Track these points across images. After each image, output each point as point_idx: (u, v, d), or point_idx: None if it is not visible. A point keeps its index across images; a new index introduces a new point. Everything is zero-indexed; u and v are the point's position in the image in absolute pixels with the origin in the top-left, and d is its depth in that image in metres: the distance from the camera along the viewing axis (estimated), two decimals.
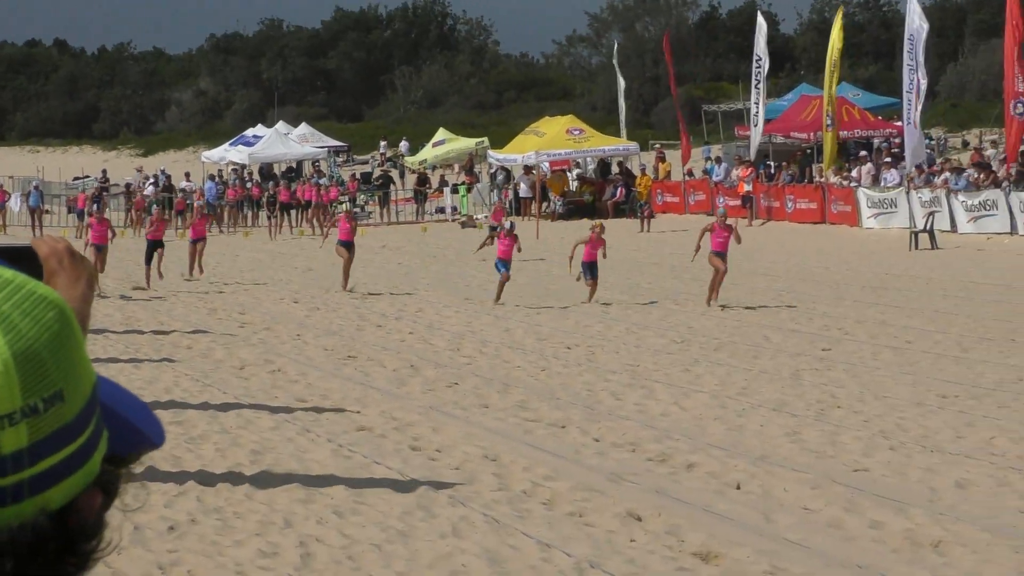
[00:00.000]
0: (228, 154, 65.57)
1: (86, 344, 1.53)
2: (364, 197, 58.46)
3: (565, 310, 25.67)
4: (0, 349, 1.43)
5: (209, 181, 58.07)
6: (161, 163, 76.98)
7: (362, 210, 53.66)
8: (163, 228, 32.08)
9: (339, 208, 47.59)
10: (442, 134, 68.57)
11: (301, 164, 69.35)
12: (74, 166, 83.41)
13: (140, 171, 68.98)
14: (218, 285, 31.10)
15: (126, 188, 58.71)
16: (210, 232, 34.44)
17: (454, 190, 57.58)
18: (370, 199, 58.52)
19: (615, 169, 56.49)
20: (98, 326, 22.16)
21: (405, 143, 77.14)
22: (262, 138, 65.80)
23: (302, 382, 17.87)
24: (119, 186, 62.43)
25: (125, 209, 54.28)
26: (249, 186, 56.81)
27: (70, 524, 1.47)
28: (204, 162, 67.83)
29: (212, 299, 28.10)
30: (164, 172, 63.01)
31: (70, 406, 1.46)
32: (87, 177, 71.23)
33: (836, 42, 46.69)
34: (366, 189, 60.33)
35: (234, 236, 49.31)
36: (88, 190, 58.01)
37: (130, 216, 52.62)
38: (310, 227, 49.95)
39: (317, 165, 67.26)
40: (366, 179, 64.28)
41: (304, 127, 74.79)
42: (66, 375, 1.46)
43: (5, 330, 1.44)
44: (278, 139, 65.87)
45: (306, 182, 56.86)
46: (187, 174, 63.44)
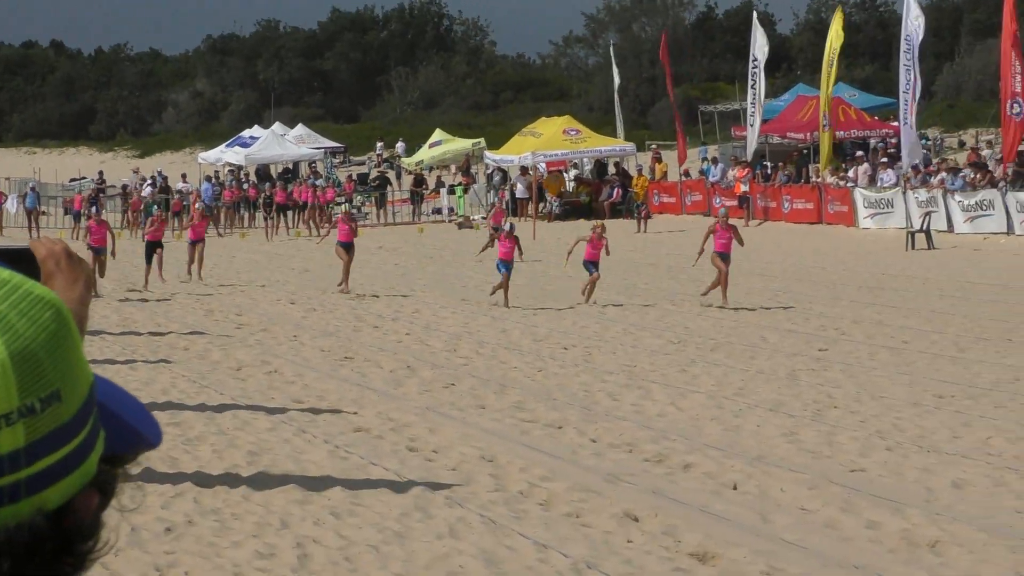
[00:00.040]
0: (224, 155, 65.46)
1: (83, 345, 1.53)
2: (361, 198, 58.41)
3: (561, 311, 25.67)
4: None
5: (206, 182, 58.02)
6: (158, 164, 76.86)
7: (359, 211, 53.61)
8: (163, 229, 32.16)
9: (337, 209, 47.59)
10: (438, 135, 68.53)
11: (298, 165, 69.26)
12: (71, 167, 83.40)
13: (136, 172, 68.98)
14: (214, 286, 31.09)
15: (122, 189, 58.66)
16: (207, 234, 34.37)
17: (451, 191, 57.58)
18: (367, 200, 58.48)
19: (612, 170, 56.50)
20: (95, 327, 22.14)
21: (401, 144, 77.17)
22: (258, 139, 65.68)
23: (299, 383, 17.85)
24: (115, 187, 62.37)
25: (121, 211, 54.26)
26: (246, 187, 56.71)
27: (67, 524, 1.47)
28: (200, 163, 67.70)
29: (209, 300, 28.09)
30: (161, 173, 62.95)
31: (67, 406, 1.46)
32: (84, 178, 71.20)
33: (834, 41, 46.64)
34: (363, 190, 60.27)
35: (231, 237, 49.29)
36: (84, 192, 58.01)
37: (126, 217, 52.64)
38: (307, 228, 49.94)
39: (314, 166, 67.18)
40: (362, 180, 64.19)
41: (300, 128, 74.80)
42: (63, 375, 1.46)
43: (2, 330, 1.44)
44: (274, 140, 65.79)
45: (303, 183, 56.75)
46: (183, 175, 63.38)
